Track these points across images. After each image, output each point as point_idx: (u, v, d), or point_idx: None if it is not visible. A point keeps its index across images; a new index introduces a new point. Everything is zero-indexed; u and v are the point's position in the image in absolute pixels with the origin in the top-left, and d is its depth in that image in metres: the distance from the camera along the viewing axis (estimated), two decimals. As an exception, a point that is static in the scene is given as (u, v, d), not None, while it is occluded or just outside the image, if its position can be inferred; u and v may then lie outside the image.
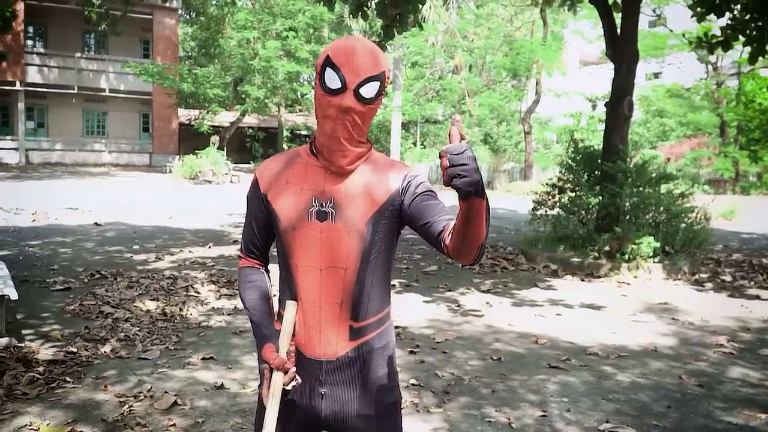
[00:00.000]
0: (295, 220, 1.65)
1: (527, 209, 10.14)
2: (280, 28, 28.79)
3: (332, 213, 1.63)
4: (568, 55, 32.44)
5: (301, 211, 1.64)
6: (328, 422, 1.72)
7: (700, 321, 6.13)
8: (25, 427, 3.31)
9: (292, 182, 1.67)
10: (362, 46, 1.59)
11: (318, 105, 1.63)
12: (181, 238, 10.23)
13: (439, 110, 38.65)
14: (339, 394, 1.69)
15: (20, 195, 15.96)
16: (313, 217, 1.64)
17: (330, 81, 1.58)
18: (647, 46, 25.04)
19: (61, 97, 31.41)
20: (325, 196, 1.64)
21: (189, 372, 4.23)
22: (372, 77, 1.58)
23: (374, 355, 1.70)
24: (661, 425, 3.61)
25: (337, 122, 1.59)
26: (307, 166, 1.68)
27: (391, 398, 1.75)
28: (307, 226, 1.64)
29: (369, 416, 1.70)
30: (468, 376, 4.32)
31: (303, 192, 1.65)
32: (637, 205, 8.64)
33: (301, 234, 1.64)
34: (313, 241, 1.64)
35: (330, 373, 1.68)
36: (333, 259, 1.63)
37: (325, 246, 1.63)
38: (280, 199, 1.68)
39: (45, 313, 5.52)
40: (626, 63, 9.16)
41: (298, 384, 1.64)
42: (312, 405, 1.70)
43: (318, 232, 1.63)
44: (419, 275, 7.93)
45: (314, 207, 1.64)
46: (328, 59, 1.58)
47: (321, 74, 1.59)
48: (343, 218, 1.63)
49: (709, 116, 30.16)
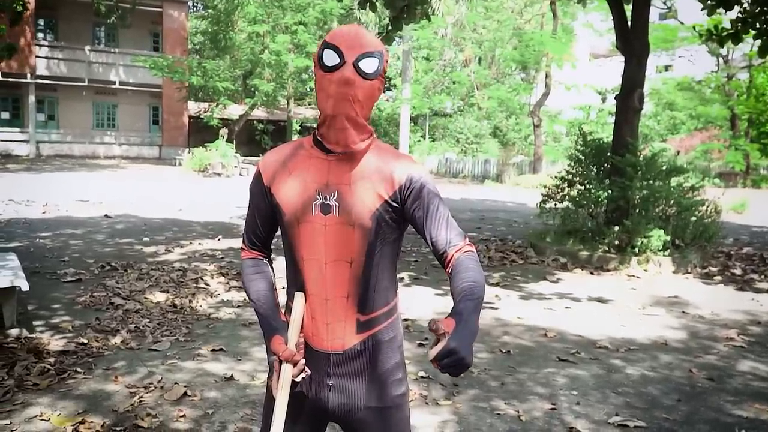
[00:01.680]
0: (300, 213, 1.63)
1: (536, 202, 10.11)
2: (290, 22, 28.76)
3: (336, 206, 1.61)
4: (578, 48, 32.22)
5: (306, 204, 1.63)
6: (336, 414, 1.72)
7: (710, 314, 6.10)
8: (36, 417, 3.34)
9: (295, 174, 1.65)
10: (358, 28, 1.62)
11: (319, 89, 1.61)
12: (191, 230, 10.27)
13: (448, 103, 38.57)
14: (346, 385, 1.69)
15: (31, 187, 16.05)
16: (317, 210, 1.62)
17: (328, 59, 1.57)
18: (658, 39, 24.88)
19: (72, 90, 31.53)
20: (329, 189, 1.62)
21: (198, 363, 4.25)
22: (370, 52, 1.58)
23: (382, 348, 1.69)
24: (670, 419, 3.60)
25: (338, 99, 1.56)
26: (310, 158, 1.66)
27: (399, 390, 1.74)
28: (311, 219, 1.63)
29: (377, 408, 1.70)
30: (477, 369, 4.32)
31: (307, 184, 1.64)
32: (647, 198, 8.59)
33: (305, 227, 1.63)
34: (318, 235, 1.63)
35: (338, 365, 1.67)
36: (338, 252, 1.62)
37: (330, 239, 1.62)
38: (284, 192, 1.66)
39: (56, 304, 5.56)
40: (637, 55, 9.10)
41: (307, 376, 1.64)
42: (319, 397, 1.70)
43: (322, 226, 1.62)
44: (428, 268, 7.93)
45: (318, 200, 1.62)
46: (325, 42, 1.60)
47: (320, 59, 1.59)
48: (347, 212, 1.61)
49: (719, 109, 29.94)
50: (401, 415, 1.74)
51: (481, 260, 8.50)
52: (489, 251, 9.13)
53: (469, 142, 35.73)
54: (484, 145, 35.16)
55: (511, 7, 30.36)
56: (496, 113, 34.74)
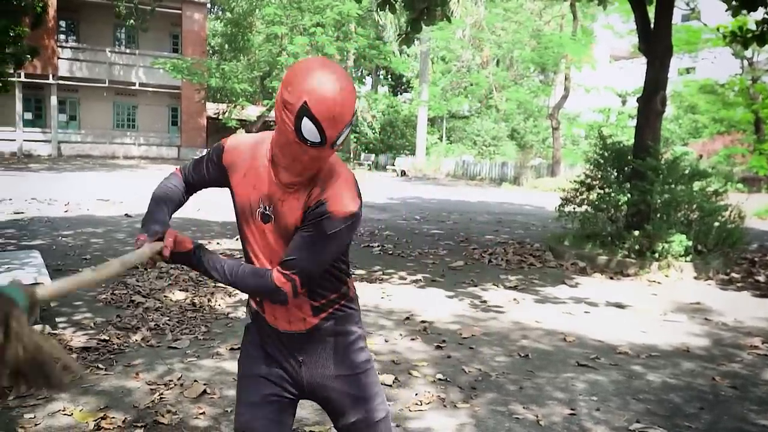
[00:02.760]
0: (246, 213, 1.78)
1: (554, 206, 10.04)
2: (308, 24, 28.84)
3: (272, 217, 1.73)
4: (598, 50, 32.03)
5: (251, 207, 1.76)
6: (311, 387, 1.86)
7: (733, 322, 6.02)
8: (59, 412, 3.37)
9: (248, 177, 1.76)
10: (340, 91, 1.53)
11: (287, 144, 1.59)
12: (210, 230, 10.33)
13: (465, 105, 38.49)
14: (315, 359, 1.85)
15: (53, 186, 16.24)
16: (258, 217, 1.75)
17: (309, 134, 1.54)
18: (680, 41, 24.59)
19: (93, 91, 31.90)
20: (269, 200, 1.73)
21: (217, 362, 4.27)
22: (347, 124, 1.58)
23: (341, 322, 1.86)
24: (693, 427, 3.55)
25: (308, 167, 1.62)
26: (262, 167, 1.74)
27: (364, 356, 1.90)
28: (253, 223, 1.77)
29: (347, 375, 1.86)
30: (495, 373, 4.29)
31: (254, 190, 1.75)
32: (669, 203, 8.50)
33: (250, 228, 1.78)
34: (260, 238, 1.77)
35: (303, 343, 1.83)
36: (279, 255, 1.73)
37: (270, 244, 1.76)
38: (237, 186, 1.79)
39: (78, 301, 5.61)
40: (660, 57, 9.01)
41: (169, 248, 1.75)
42: (294, 373, 1.86)
43: (263, 231, 1.76)
44: (445, 270, 7.91)
45: (260, 208, 1.75)
46: (306, 109, 1.52)
47: (297, 119, 1.53)
48: (278, 223, 1.72)
49: (743, 113, 29.55)
50: (370, 380, 1.90)
51: (499, 263, 8.47)
52: (506, 254, 9.08)
53: (486, 145, 35.62)
54: (501, 148, 35.04)
55: (531, 9, 30.22)
56: (514, 115, 34.60)
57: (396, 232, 11.03)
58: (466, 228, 12.18)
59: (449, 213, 14.96)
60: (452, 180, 30.74)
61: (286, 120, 1.55)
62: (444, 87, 34.99)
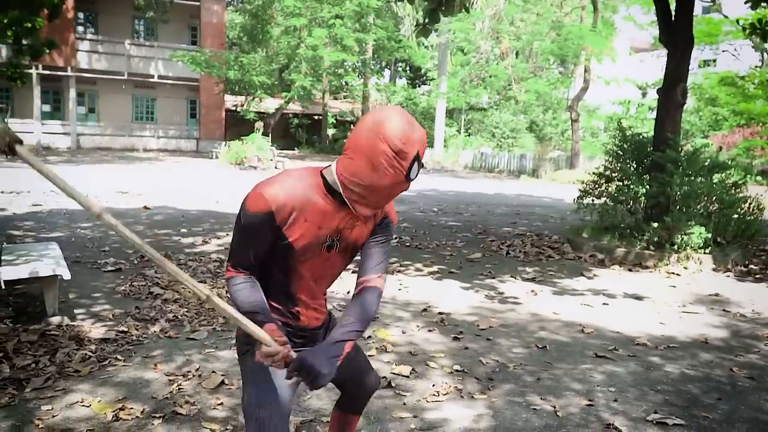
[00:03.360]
0: (312, 250, 1.95)
1: (572, 198, 9.98)
2: (327, 16, 28.80)
3: (338, 244, 1.98)
4: (619, 42, 31.66)
5: (318, 244, 1.94)
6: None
7: (751, 313, 5.96)
8: (77, 403, 3.41)
9: (310, 221, 1.89)
10: (423, 133, 1.81)
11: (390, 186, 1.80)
12: (228, 222, 10.38)
13: (484, 97, 38.28)
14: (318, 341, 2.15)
15: (72, 179, 16.39)
16: (324, 248, 1.96)
17: (413, 173, 1.80)
18: (701, 33, 24.27)
19: (111, 83, 32.13)
20: (337, 233, 1.96)
21: (235, 353, 4.29)
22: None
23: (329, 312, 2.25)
24: (710, 417, 3.53)
25: (389, 198, 1.87)
26: (322, 206, 1.89)
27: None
28: (318, 255, 1.97)
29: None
30: (512, 364, 4.29)
31: (320, 231, 1.92)
32: (688, 195, 8.41)
33: (310, 261, 1.98)
34: (321, 266, 2.01)
35: (317, 334, 2.15)
36: (332, 273, 2.08)
37: (328, 265, 2.03)
38: (298, 235, 1.90)
39: (96, 293, 5.67)
40: (680, 49, 8.90)
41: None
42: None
43: (326, 258, 2.00)
44: (463, 262, 7.90)
45: (327, 242, 1.95)
46: (418, 156, 1.79)
47: (410, 165, 1.77)
48: (342, 245, 1.99)
49: (763, 105, 29.12)
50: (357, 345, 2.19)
51: (516, 255, 8.44)
52: (525, 246, 9.05)
53: (504, 137, 35.44)
54: (520, 140, 34.84)
55: (551, 0, 29.94)
56: (533, 108, 34.36)
57: (413, 224, 11.02)
58: (483, 220, 12.14)
59: (467, 205, 14.92)
60: (470, 172, 30.64)
61: (397, 166, 1.76)
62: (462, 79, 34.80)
